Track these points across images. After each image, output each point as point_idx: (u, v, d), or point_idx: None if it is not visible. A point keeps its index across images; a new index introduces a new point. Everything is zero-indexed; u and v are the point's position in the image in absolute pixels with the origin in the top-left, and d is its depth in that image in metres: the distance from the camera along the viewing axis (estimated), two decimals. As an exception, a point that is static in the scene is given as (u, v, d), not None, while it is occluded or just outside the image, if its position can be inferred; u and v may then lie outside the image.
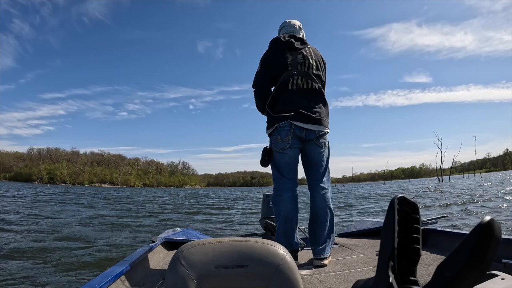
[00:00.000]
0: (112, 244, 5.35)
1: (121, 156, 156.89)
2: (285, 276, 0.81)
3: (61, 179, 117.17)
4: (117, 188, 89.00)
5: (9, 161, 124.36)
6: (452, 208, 9.38)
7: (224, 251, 0.82)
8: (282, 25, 2.71)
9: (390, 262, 0.46)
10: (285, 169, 2.41)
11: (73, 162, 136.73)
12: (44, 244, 5.19)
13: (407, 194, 0.51)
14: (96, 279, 1.58)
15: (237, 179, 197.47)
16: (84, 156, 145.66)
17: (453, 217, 7.31)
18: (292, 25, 2.67)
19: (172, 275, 0.79)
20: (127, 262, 1.91)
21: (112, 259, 4.20)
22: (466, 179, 53.10)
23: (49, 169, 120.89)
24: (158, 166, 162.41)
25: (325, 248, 2.34)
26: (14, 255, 4.39)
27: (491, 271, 0.79)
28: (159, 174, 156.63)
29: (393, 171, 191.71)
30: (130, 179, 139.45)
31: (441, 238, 2.51)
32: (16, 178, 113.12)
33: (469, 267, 0.39)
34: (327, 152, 2.50)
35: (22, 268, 3.82)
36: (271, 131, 2.43)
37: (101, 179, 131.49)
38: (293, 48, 2.47)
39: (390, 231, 0.47)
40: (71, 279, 3.50)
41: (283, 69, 2.42)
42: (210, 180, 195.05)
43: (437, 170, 58.37)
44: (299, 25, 2.68)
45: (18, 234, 6.09)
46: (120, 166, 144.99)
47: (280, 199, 2.38)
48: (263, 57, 2.53)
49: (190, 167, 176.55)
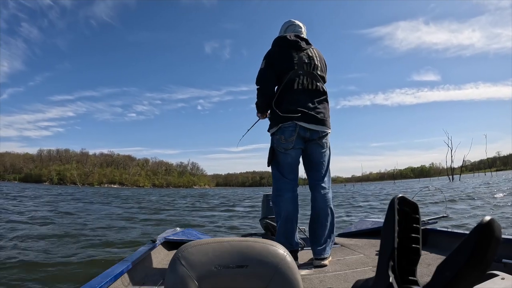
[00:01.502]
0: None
1: (131, 157, 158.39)
2: (285, 276, 0.80)
3: (71, 180, 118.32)
4: (128, 189, 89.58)
5: (19, 162, 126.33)
6: (452, 208, 9.31)
7: (224, 251, 0.81)
8: (288, 24, 2.69)
9: (390, 262, 0.46)
10: (287, 169, 2.41)
11: (83, 163, 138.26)
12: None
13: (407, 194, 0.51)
14: (96, 279, 1.58)
15: (246, 179, 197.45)
16: (93, 157, 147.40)
17: (453, 217, 7.26)
18: (297, 25, 2.66)
19: (172, 275, 0.79)
20: (127, 262, 1.92)
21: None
22: (476, 178, 52.50)
23: (59, 170, 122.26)
24: (167, 167, 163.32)
25: (325, 248, 2.33)
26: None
27: (491, 271, 0.79)
28: (168, 174, 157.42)
29: (403, 171, 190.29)
30: (140, 180, 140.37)
31: (441, 238, 2.51)
32: (26, 179, 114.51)
33: (469, 267, 0.39)
34: (328, 152, 2.51)
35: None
36: (275, 131, 2.41)
37: (111, 179, 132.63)
38: (299, 47, 2.46)
39: (390, 231, 0.47)
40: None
41: (289, 68, 2.40)
42: (219, 180, 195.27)
43: (448, 169, 57.79)
44: (303, 26, 2.68)
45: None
46: (130, 167, 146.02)
47: (281, 199, 2.38)
48: (268, 55, 2.50)
49: (199, 168, 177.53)
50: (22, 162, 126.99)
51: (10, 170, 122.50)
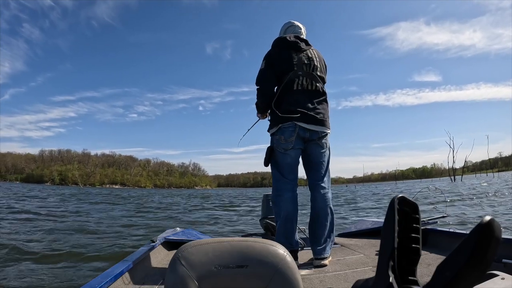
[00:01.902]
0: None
1: (132, 157, 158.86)
2: (285, 276, 0.80)
3: (73, 180, 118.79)
4: (129, 189, 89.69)
5: (21, 162, 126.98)
6: (452, 208, 9.30)
7: (224, 251, 0.81)
8: (288, 25, 2.69)
9: (390, 262, 0.46)
10: (286, 169, 2.42)
11: (84, 163, 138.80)
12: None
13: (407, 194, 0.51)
14: (96, 279, 1.58)
15: (247, 180, 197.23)
16: (95, 157, 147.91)
17: (453, 217, 7.25)
18: (297, 25, 2.66)
19: (172, 275, 0.79)
20: (127, 262, 1.92)
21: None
22: (478, 179, 52.34)
23: (60, 170, 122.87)
24: (169, 167, 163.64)
25: (325, 248, 2.34)
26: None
27: (491, 271, 0.79)
28: (170, 175, 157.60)
29: (404, 171, 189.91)
30: (141, 180, 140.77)
31: (441, 238, 2.51)
32: (28, 180, 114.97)
33: (469, 267, 0.39)
34: (328, 152, 2.52)
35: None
36: (275, 131, 2.41)
37: (112, 180, 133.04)
38: (299, 48, 2.48)
39: (390, 231, 0.47)
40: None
41: (289, 69, 2.41)
42: (221, 181, 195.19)
43: (449, 170, 57.64)
44: (303, 27, 2.68)
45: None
46: (131, 168, 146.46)
47: (281, 199, 2.38)
48: (268, 56, 2.51)
49: (200, 168, 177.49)
50: (23, 162, 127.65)
51: (11, 171, 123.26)
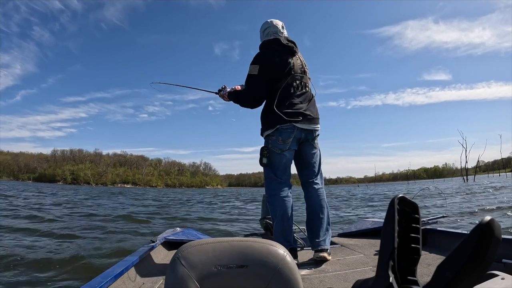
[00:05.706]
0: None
1: (143, 157, 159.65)
2: (285, 276, 0.81)
3: (85, 180, 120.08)
4: (141, 189, 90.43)
5: (33, 162, 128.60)
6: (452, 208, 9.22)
7: (224, 251, 0.82)
8: (266, 25, 2.67)
9: (390, 262, 0.46)
10: (281, 170, 2.46)
11: (96, 163, 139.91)
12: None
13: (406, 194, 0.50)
14: (96, 279, 1.60)
15: (258, 179, 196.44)
16: (106, 157, 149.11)
17: (453, 217, 7.18)
18: (275, 25, 2.65)
19: (172, 275, 0.79)
20: (127, 262, 1.94)
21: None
22: (491, 178, 51.52)
23: (72, 170, 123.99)
24: (180, 167, 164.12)
25: (325, 240, 2.37)
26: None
27: (491, 271, 0.79)
28: (181, 174, 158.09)
29: (416, 171, 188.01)
30: (153, 180, 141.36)
31: (441, 238, 2.50)
32: (40, 179, 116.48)
33: (469, 267, 0.39)
34: (319, 153, 2.61)
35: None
36: (271, 132, 2.43)
37: (124, 179, 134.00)
38: (294, 52, 2.53)
39: (390, 231, 0.47)
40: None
41: (287, 73, 2.45)
42: (232, 181, 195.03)
43: (462, 170, 56.82)
44: (282, 25, 2.68)
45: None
46: (142, 167, 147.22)
47: (276, 198, 2.42)
48: (262, 59, 2.48)
49: (211, 168, 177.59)
50: (36, 162, 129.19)
51: (24, 170, 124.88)
